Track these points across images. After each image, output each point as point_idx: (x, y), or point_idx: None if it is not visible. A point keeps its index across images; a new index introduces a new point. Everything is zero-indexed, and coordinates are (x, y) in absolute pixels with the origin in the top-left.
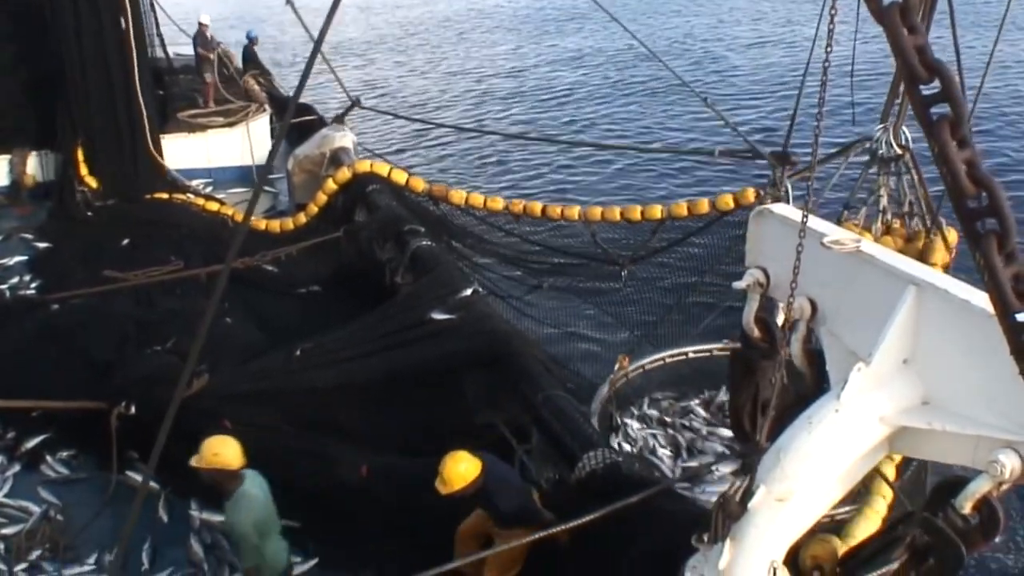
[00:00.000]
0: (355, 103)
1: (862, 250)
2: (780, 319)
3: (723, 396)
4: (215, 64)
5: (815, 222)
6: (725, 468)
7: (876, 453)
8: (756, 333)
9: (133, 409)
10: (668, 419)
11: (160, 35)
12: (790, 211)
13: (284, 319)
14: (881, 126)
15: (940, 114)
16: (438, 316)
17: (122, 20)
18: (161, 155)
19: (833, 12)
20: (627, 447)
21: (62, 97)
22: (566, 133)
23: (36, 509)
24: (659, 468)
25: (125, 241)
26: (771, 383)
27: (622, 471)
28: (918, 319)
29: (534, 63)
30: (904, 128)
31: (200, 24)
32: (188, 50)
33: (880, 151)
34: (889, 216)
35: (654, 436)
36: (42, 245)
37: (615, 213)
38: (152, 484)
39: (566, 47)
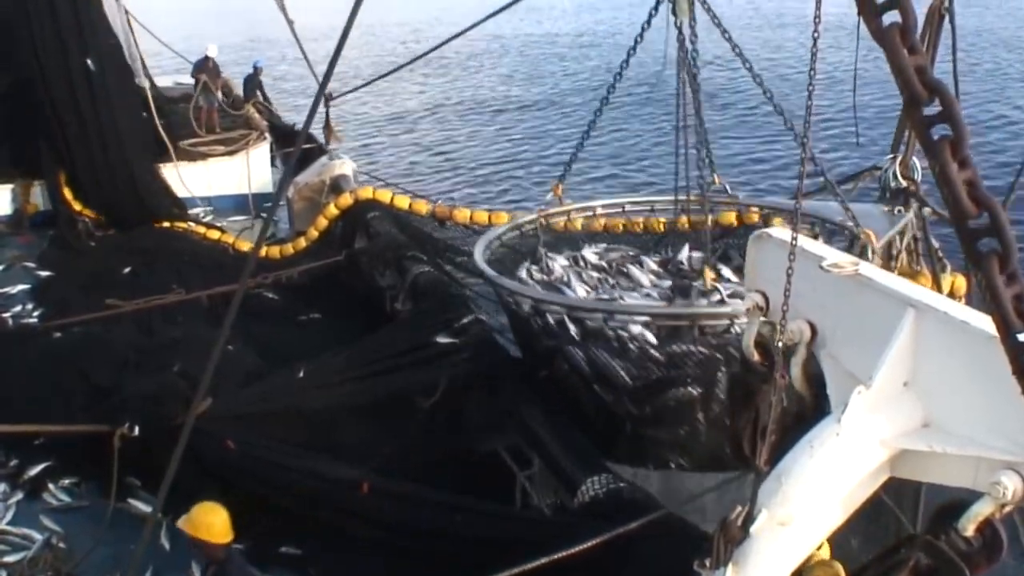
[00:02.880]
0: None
1: (860, 273)
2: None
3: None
4: (215, 91)
5: (813, 245)
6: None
7: (878, 476)
8: (756, 357)
9: (136, 430)
10: (603, 263)
11: (143, 64)
12: (788, 235)
13: (284, 345)
14: (890, 156)
15: (941, 134)
16: (440, 340)
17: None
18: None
19: (816, 35)
20: (539, 275)
21: (41, 128)
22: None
23: (39, 537)
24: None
25: (126, 269)
26: (771, 407)
27: (623, 496)
28: (918, 341)
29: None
30: (915, 159)
31: (207, 56)
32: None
33: (890, 183)
34: (893, 251)
35: (578, 274)
36: (44, 274)
37: (617, 225)
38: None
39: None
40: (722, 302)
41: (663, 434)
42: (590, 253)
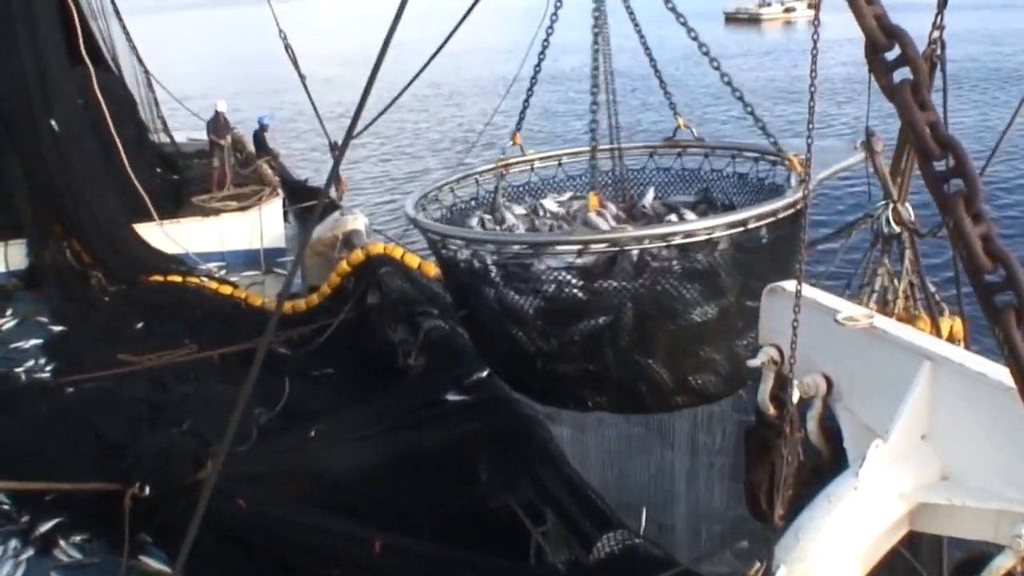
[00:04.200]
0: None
1: (875, 326)
2: (796, 396)
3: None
4: (227, 149)
5: (827, 298)
6: None
7: (897, 530)
8: (771, 411)
9: (147, 490)
10: (563, 211)
11: (163, 119)
12: (803, 289)
13: (297, 401)
14: (883, 202)
15: (954, 189)
16: (452, 397)
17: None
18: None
19: (812, 88)
20: (490, 225)
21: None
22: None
23: None
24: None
25: (139, 324)
26: (787, 461)
27: (639, 553)
28: (934, 394)
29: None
30: (907, 205)
31: (216, 111)
32: (203, 135)
33: (883, 229)
34: (889, 296)
35: (531, 222)
36: (57, 328)
37: None
38: (165, 568)
39: None
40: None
41: (572, 370)
42: (551, 202)
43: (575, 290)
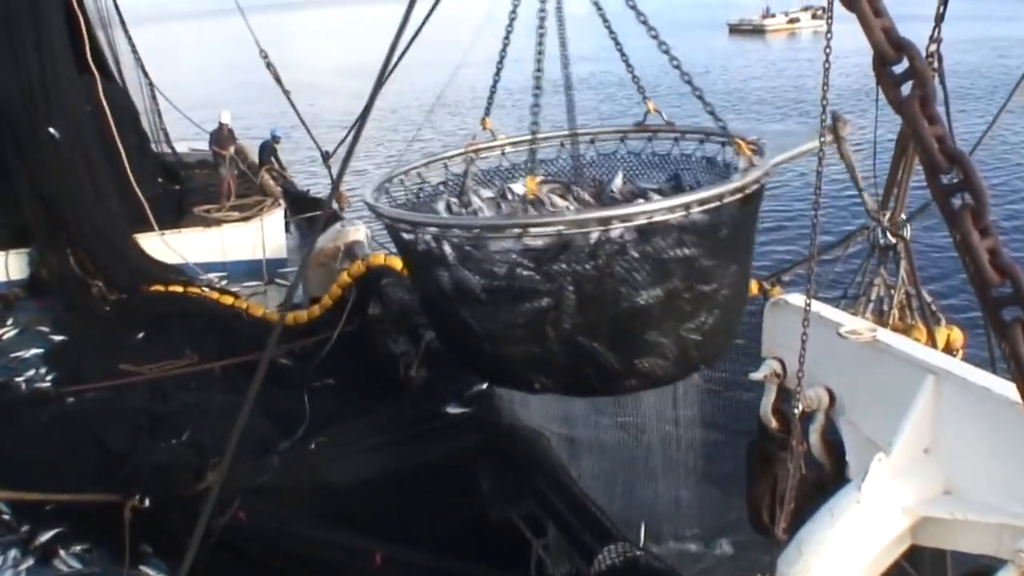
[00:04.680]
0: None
1: (878, 339)
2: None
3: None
4: (228, 161)
5: (830, 312)
6: None
7: (899, 544)
8: (774, 424)
9: (147, 502)
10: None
11: (165, 129)
12: (804, 301)
13: (298, 412)
14: (879, 214)
15: (962, 203)
16: (453, 410)
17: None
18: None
19: (825, 102)
20: (456, 209)
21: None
22: None
23: None
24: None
25: (140, 334)
26: (790, 474)
27: (640, 565)
28: (937, 408)
29: None
30: (903, 216)
31: (220, 123)
32: (205, 145)
33: (879, 240)
34: (885, 307)
35: (496, 205)
36: (58, 338)
37: None
38: None
39: None
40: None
41: (519, 352)
42: (519, 186)
43: (525, 271)
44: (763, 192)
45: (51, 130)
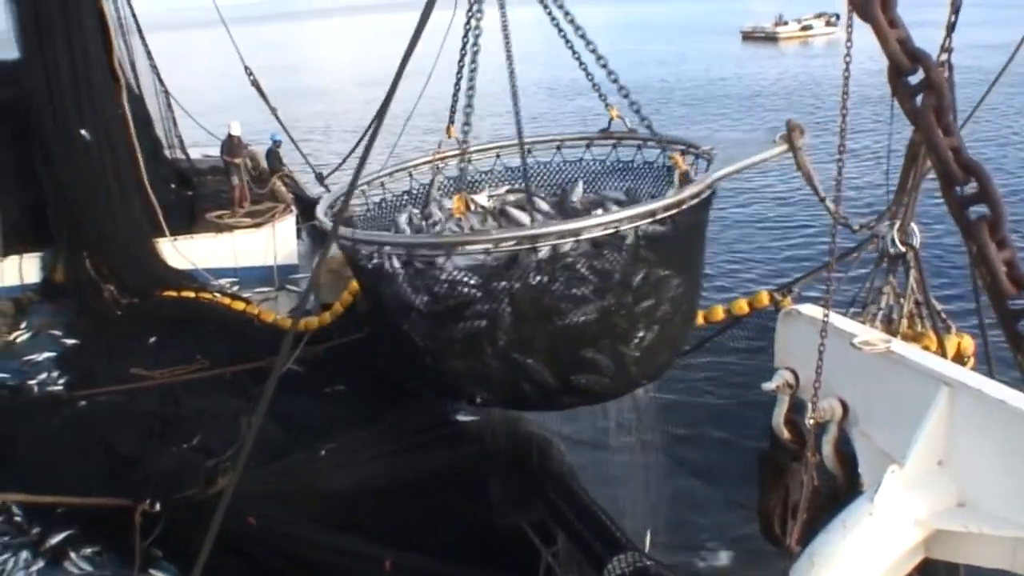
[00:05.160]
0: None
1: (892, 350)
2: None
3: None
4: (242, 168)
5: (844, 322)
6: None
7: (912, 557)
8: (786, 434)
9: (157, 507)
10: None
11: (179, 137)
12: (818, 312)
13: (308, 418)
14: (888, 222)
15: (978, 214)
16: (462, 417)
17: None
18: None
19: (844, 111)
20: (417, 221)
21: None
22: None
23: None
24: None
25: (152, 339)
26: (802, 485)
27: (650, 575)
28: (952, 420)
29: None
30: (913, 225)
31: (230, 134)
32: (217, 151)
33: (889, 249)
34: (895, 315)
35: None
36: (70, 341)
37: None
38: None
39: None
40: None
41: (459, 366)
42: (482, 197)
43: (467, 288)
44: (705, 208)
45: (83, 132)
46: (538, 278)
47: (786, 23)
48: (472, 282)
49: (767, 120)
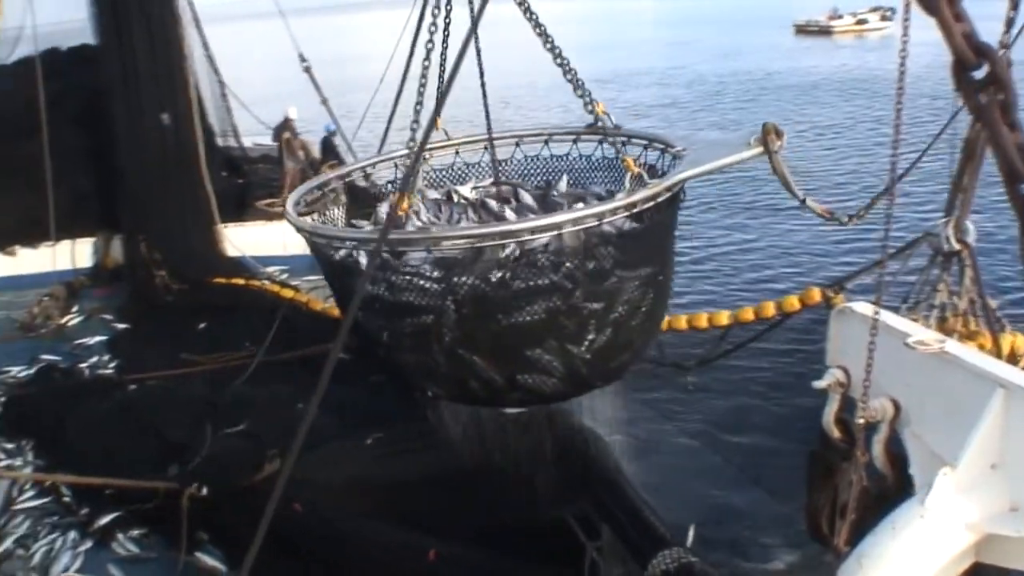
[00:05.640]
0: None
1: (947, 351)
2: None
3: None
4: (296, 151)
5: (897, 321)
6: None
7: (962, 561)
8: (836, 433)
9: (204, 491)
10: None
11: (234, 126)
12: (871, 310)
13: (354, 406)
14: (943, 220)
15: None
16: (509, 410)
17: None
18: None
19: (899, 106)
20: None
21: (120, 184)
22: None
23: None
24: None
25: (202, 325)
26: (851, 485)
27: (695, 572)
28: (1007, 422)
29: None
30: (968, 222)
31: (287, 118)
32: (268, 140)
33: (943, 246)
34: (947, 314)
35: (437, 209)
36: (121, 326)
37: (681, 321)
38: (221, 567)
39: None
40: None
41: (410, 359)
42: (466, 188)
43: (425, 281)
44: (669, 209)
45: (164, 116)
46: (480, 278)
47: (840, 16)
48: (427, 277)
49: (822, 114)
